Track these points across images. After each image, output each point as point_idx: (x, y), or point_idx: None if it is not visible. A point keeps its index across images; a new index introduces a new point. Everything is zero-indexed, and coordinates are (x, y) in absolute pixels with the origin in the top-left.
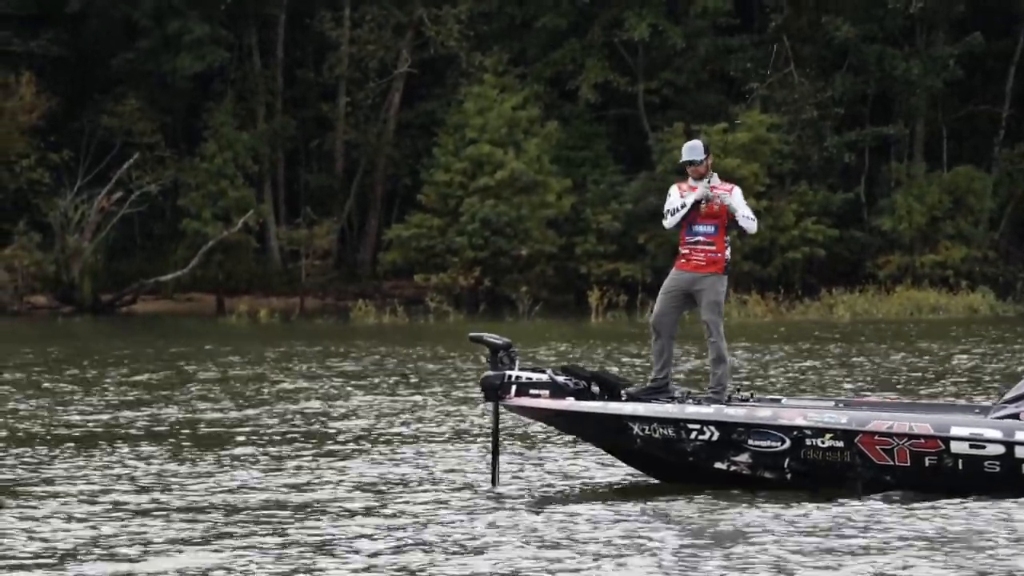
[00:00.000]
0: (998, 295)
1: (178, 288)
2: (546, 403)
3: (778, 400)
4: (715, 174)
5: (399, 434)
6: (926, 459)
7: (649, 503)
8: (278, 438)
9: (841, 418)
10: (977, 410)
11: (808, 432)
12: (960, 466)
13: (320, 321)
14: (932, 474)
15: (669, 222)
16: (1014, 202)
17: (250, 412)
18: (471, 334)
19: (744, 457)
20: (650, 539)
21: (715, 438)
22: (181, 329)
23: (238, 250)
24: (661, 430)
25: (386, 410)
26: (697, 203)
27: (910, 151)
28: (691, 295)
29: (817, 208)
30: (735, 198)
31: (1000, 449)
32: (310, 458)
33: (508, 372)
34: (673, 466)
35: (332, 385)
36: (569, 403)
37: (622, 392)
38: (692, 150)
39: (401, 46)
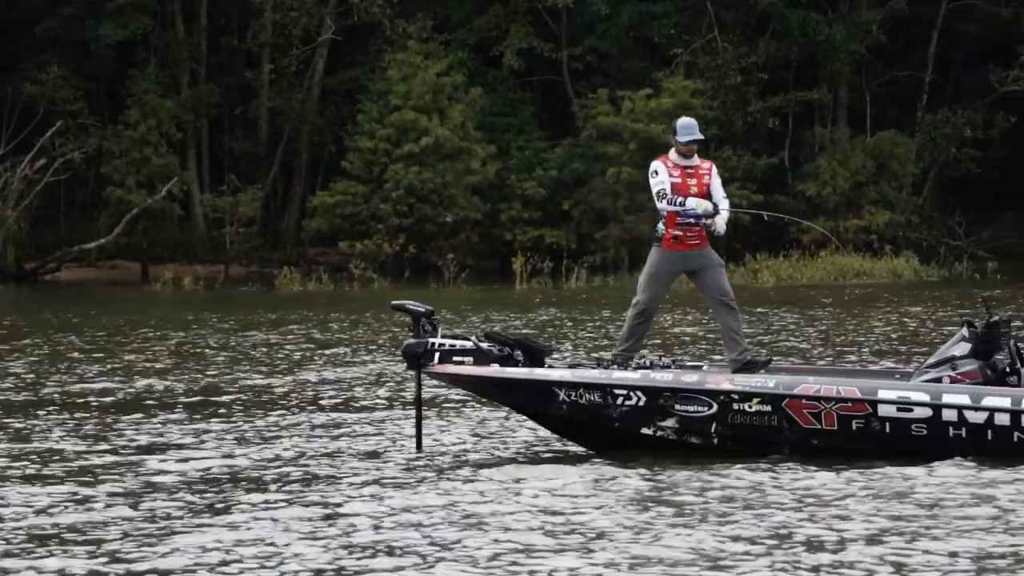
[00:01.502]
0: (922, 260)
1: (102, 256)
2: (470, 370)
3: (700, 367)
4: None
5: (319, 403)
6: (853, 423)
7: (579, 469)
8: (207, 410)
9: (768, 382)
10: (898, 375)
11: (735, 396)
12: (887, 429)
13: (245, 288)
14: (859, 437)
15: (663, 207)
16: (937, 167)
17: (181, 381)
18: (393, 302)
19: (671, 422)
20: (578, 511)
21: (642, 403)
22: (105, 297)
23: (162, 218)
24: (587, 396)
25: (308, 378)
26: (697, 213)
27: (834, 116)
28: (685, 272)
29: (741, 174)
30: (720, 221)
31: (927, 412)
32: (234, 427)
33: (431, 339)
34: (599, 432)
35: (253, 353)
36: (494, 370)
37: (545, 358)
38: (692, 128)
39: (324, 13)
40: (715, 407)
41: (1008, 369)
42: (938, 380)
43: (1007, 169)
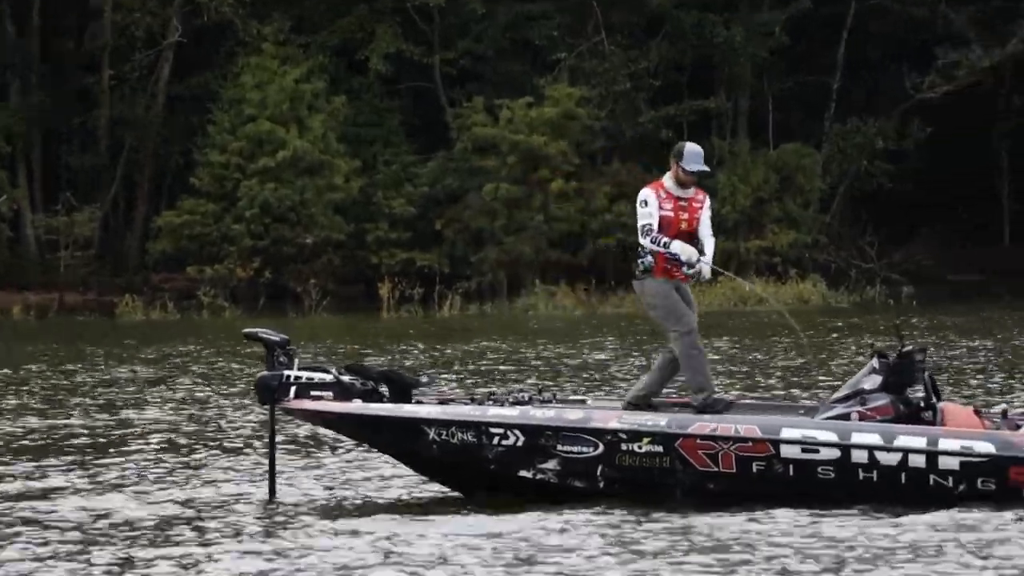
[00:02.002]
0: (830, 284)
1: None
2: (330, 406)
3: (583, 401)
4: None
5: (160, 444)
6: (754, 465)
7: (453, 517)
8: (38, 452)
9: (660, 420)
10: (802, 410)
11: (623, 436)
12: (791, 472)
13: (81, 318)
14: (760, 481)
15: (647, 245)
16: (847, 181)
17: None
18: (245, 330)
19: (552, 464)
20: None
21: (520, 443)
22: None
23: None
24: (460, 435)
25: (152, 417)
26: (678, 257)
27: (733, 126)
28: None
29: (632, 190)
30: (705, 268)
31: (835, 453)
32: (75, 471)
33: (286, 372)
34: (472, 475)
35: (84, 390)
36: (356, 406)
37: (414, 392)
38: (700, 157)
39: (170, 13)
40: (601, 447)
41: (923, 404)
42: (846, 416)
43: (922, 181)
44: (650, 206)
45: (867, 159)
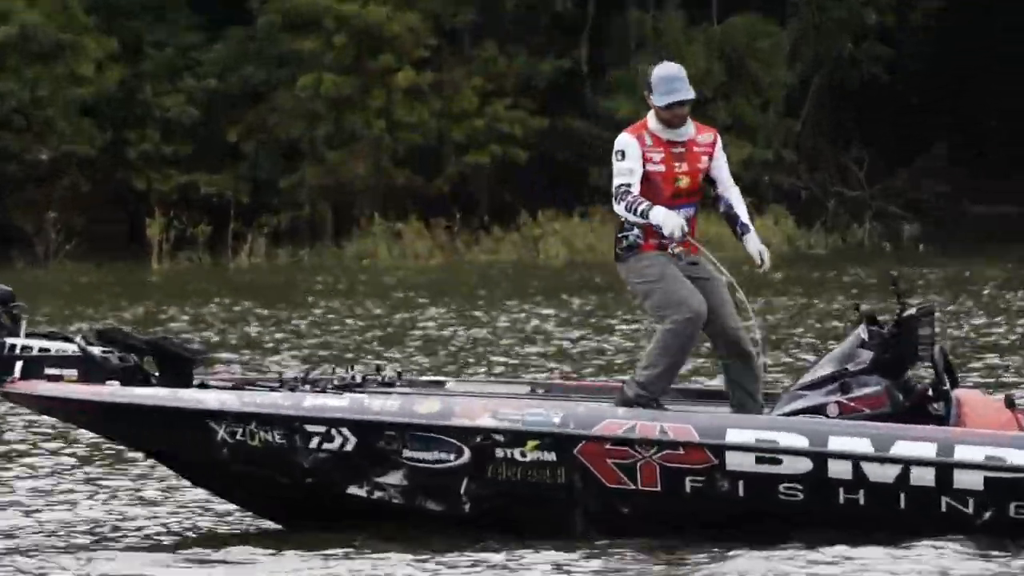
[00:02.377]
0: (800, 219)
1: None
2: (72, 390)
3: (442, 383)
4: (690, 120)
5: None
6: (687, 480)
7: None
8: None
9: (552, 416)
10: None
11: (499, 438)
12: (740, 491)
13: None
14: (697, 501)
15: (623, 213)
16: (824, 72)
17: None
18: None
19: (396, 478)
20: None
21: (350, 447)
22: None
23: None
24: (263, 434)
25: None
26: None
27: None
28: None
29: (514, 84)
30: (751, 245)
31: (804, 464)
32: None
33: (9, 340)
34: (281, 492)
35: None
36: (111, 390)
37: (196, 371)
38: (675, 81)
39: None
40: (467, 454)
41: (931, 392)
42: (820, 410)
43: (933, 75)
44: (628, 159)
45: (853, 40)
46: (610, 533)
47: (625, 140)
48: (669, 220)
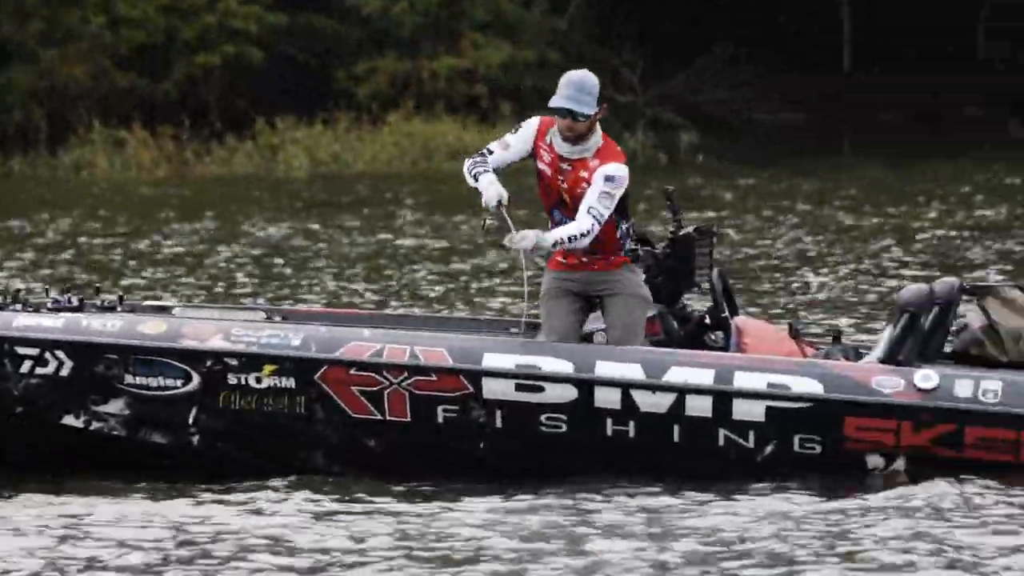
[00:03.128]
0: None
1: None
2: None
3: (168, 308)
4: (599, 136)
5: None
6: (440, 410)
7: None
8: None
9: (291, 338)
10: (516, 329)
11: (232, 362)
12: (498, 422)
13: None
14: (450, 434)
15: (464, 168)
16: None
17: None
18: None
19: (117, 406)
20: None
21: (65, 372)
22: None
23: None
24: None
25: None
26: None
27: None
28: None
29: None
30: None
31: (567, 392)
32: None
33: None
34: None
35: None
36: None
37: None
38: (570, 91)
39: None
40: (197, 380)
41: (708, 319)
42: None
43: None
44: (515, 134)
45: None
46: (355, 469)
47: (533, 120)
48: (488, 189)
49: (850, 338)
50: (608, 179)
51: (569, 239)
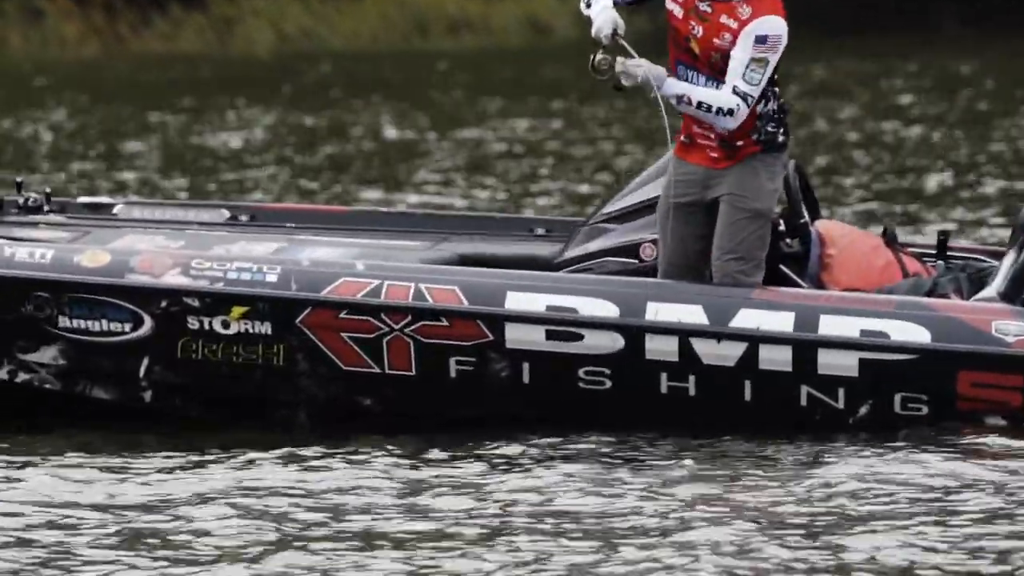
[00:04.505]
0: None
1: None
2: None
3: (109, 206)
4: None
5: None
6: (452, 361)
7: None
8: None
9: (266, 272)
10: (543, 230)
11: (194, 303)
12: (526, 376)
13: None
14: (464, 392)
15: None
16: None
17: None
18: None
19: (50, 355)
20: None
21: None
22: None
23: None
24: None
25: None
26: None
27: None
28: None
29: None
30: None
31: (612, 341)
32: None
33: None
34: None
35: None
36: None
37: None
38: None
39: None
40: (149, 324)
41: (784, 225)
42: (630, 251)
43: None
44: None
45: None
46: (347, 431)
47: None
48: (601, 15)
49: (960, 244)
50: (760, 40)
51: (699, 105)
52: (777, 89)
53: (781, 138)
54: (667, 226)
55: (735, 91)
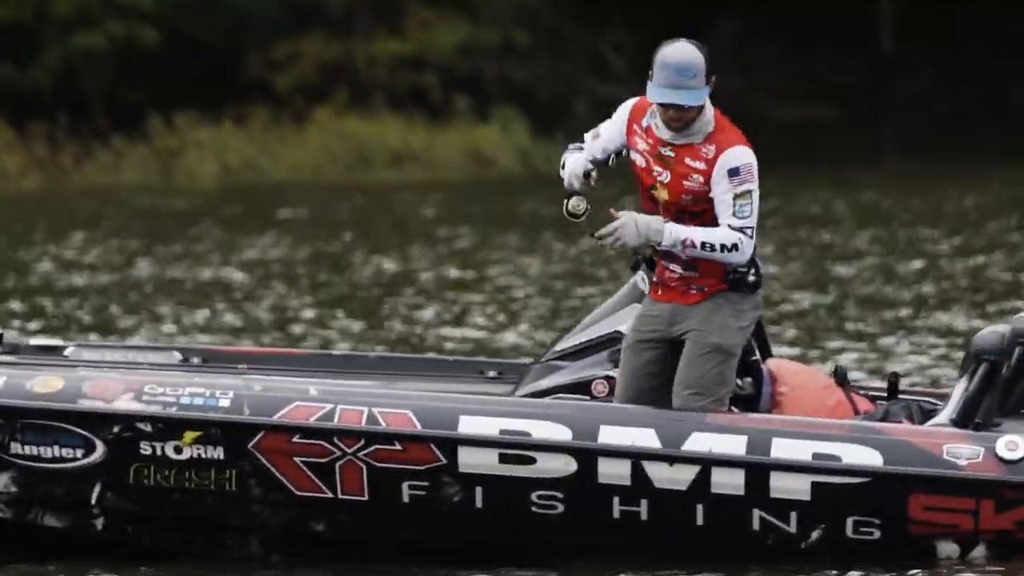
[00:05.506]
0: (537, 126)
1: None
2: None
3: (60, 349)
4: (710, 113)
5: None
6: (406, 487)
7: None
8: None
9: (219, 397)
10: (495, 373)
11: (146, 428)
12: (479, 501)
13: None
14: (417, 517)
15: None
16: None
17: None
18: None
19: (2, 481)
20: None
21: None
22: None
23: None
24: None
25: None
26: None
27: None
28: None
29: None
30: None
31: (565, 464)
32: None
33: None
34: None
35: None
36: None
37: None
38: (675, 78)
39: None
40: (101, 450)
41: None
42: (582, 388)
43: None
44: (610, 121)
45: None
46: (300, 558)
47: (627, 104)
48: (568, 167)
49: (910, 384)
50: (733, 173)
51: (703, 245)
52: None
53: (752, 278)
54: (623, 364)
55: (731, 227)
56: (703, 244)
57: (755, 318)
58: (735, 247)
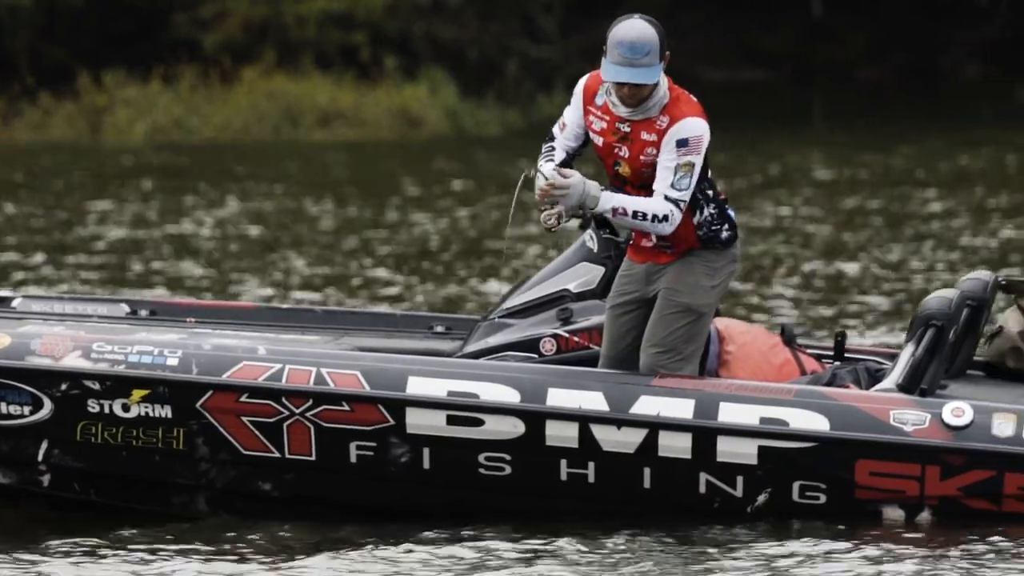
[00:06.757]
0: (466, 88)
1: None
2: None
3: (8, 300)
4: (665, 86)
5: None
6: (353, 446)
7: None
8: None
9: (167, 355)
10: (442, 328)
11: (93, 385)
12: (426, 462)
13: None
14: (364, 477)
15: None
16: None
17: None
18: None
19: None
20: None
21: None
22: None
23: None
24: None
25: None
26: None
27: None
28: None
29: None
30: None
31: (512, 426)
32: None
33: None
34: None
35: None
36: None
37: None
38: (629, 55)
39: None
40: (48, 407)
41: None
42: (530, 346)
43: None
44: (569, 107)
45: None
46: (245, 516)
47: (579, 85)
48: (547, 175)
49: (857, 342)
50: (681, 144)
51: (635, 214)
52: (711, 191)
53: (725, 234)
54: (606, 326)
55: (667, 198)
56: (635, 213)
57: (731, 273)
58: (665, 218)
